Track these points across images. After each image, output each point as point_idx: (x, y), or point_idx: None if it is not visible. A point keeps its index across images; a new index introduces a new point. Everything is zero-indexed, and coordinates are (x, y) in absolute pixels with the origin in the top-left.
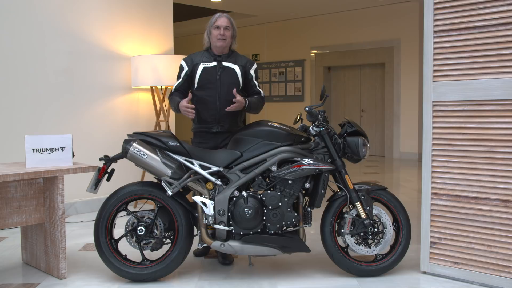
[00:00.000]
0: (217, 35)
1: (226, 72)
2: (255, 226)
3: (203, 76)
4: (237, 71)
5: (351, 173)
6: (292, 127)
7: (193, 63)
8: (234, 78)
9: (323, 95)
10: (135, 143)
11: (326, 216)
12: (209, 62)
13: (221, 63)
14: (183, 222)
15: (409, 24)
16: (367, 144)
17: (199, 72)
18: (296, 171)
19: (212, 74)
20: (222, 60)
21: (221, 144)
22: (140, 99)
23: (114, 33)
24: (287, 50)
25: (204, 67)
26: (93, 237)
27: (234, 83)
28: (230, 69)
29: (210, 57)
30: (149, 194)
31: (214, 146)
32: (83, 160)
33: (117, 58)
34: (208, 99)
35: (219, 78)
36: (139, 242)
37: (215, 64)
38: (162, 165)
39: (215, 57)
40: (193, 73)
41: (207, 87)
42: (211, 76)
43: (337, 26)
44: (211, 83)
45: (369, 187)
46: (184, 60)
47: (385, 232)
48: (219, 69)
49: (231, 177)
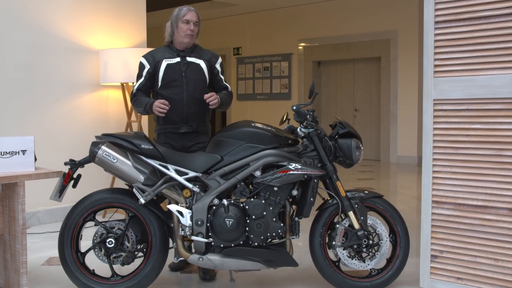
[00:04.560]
0: (186, 30)
1: (192, 68)
2: (237, 238)
3: (167, 73)
4: (203, 66)
5: (344, 179)
6: (278, 128)
7: (154, 60)
8: (200, 74)
9: (312, 92)
10: (104, 145)
11: (315, 227)
12: (172, 58)
13: (185, 58)
14: (157, 234)
15: (408, 14)
16: (361, 146)
17: (162, 70)
18: (282, 177)
19: (176, 70)
20: (186, 56)
21: (188, 145)
22: (109, 97)
23: (81, 24)
24: (272, 43)
25: (167, 64)
26: (57, 250)
27: (201, 79)
28: (195, 65)
29: (172, 52)
30: (119, 202)
31: (182, 147)
32: (47, 164)
33: (84, 51)
34: (174, 97)
35: (185, 75)
36: (108, 255)
37: (178, 60)
38: (134, 170)
39: (178, 52)
40: (156, 71)
41: (172, 85)
42: (176, 73)
43: (327, 16)
44: (176, 80)
45: (363, 195)
46: (144, 58)
47: (381, 245)
48: (184, 65)
49: (210, 183)
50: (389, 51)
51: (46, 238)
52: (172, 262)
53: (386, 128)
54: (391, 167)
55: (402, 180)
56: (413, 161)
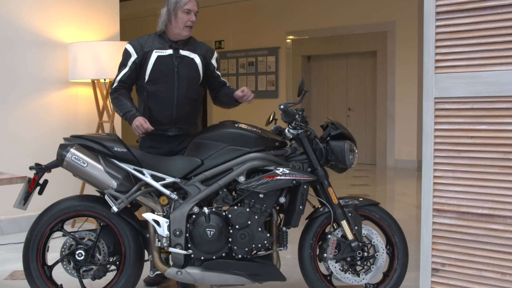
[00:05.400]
0: (187, 21)
1: (185, 63)
2: (219, 250)
3: (157, 67)
4: (197, 62)
5: (336, 185)
6: (264, 129)
7: (143, 50)
8: (193, 70)
9: (301, 90)
10: (73, 148)
11: (305, 238)
12: (163, 49)
13: (178, 51)
14: (131, 245)
15: (406, 4)
16: (355, 149)
17: (151, 62)
18: (268, 183)
19: (168, 65)
20: (179, 48)
21: (177, 149)
22: (79, 95)
23: (47, 14)
24: (258, 35)
25: (158, 56)
26: (21, 263)
27: (194, 76)
28: (189, 59)
29: (164, 43)
30: (90, 210)
31: (169, 151)
32: (10, 169)
33: (50, 45)
34: (163, 96)
35: (177, 70)
36: (77, 269)
37: (171, 53)
38: (105, 175)
39: (170, 43)
40: (144, 62)
41: (162, 80)
42: (167, 68)
43: (318, 6)
44: (166, 76)
45: (357, 202)
46: (131, 45)
47: (377, 257)
48: (176, 58)
49: (189, 189)
50: (386, 44)
51: (9, 250)
52: (148, 276)
53: (382, 129)
54: (388, 172)
55: (400, 186)
56: (412, 165)
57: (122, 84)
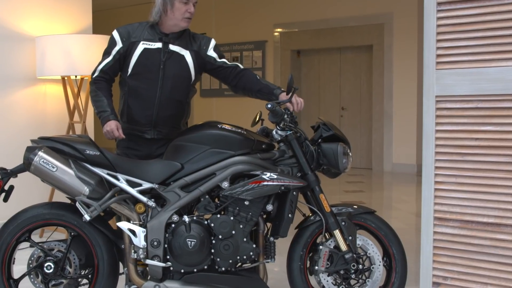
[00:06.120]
0: (185, 13)
1: (173, 59)
2: (201, 262)
3: (142, 60)
4: (188, 60)
5: (328, 191)
6: (250, 131)
7: (130, 39)
8: (182, 68)
9: (290, 87)
10: (41, 151)
11: (294, 249)
12: (152, 41)
13: (168, 46)
14: (104, 257)
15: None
16: (348, 152)
17: (136, 54)
18: (254, 189)
19: (153, 59)
20: (169, 42)
21: (156, 153)
22: (47, 93)
23: (13, 5)
24: (243, 28)
25: (144, 48)
26: None
27: (182, 75)
28: (178, 56)
29: (154, 34)
30: (59, 219)
31: (147, 155)
32: None
33: (16, 39)
34: (144, 93)
35: (163, 67)
36: (46, 282)
37: (159, 46)
38: (77, 181)
39: (160, 36)
40: (128, 53)
41: (145, 76)
42: (152, 63)
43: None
44: (150, 71)
45: (351, 210)
46: (118, 32)
47: (373, 270)
48: (165, 54)
49: (168, 196)
50: (382, 38)
51: None
52: None
53: (379, 131)
54: (385, 177)
55: (398, 193)
56: (412, 169)
57: (103, 76)
